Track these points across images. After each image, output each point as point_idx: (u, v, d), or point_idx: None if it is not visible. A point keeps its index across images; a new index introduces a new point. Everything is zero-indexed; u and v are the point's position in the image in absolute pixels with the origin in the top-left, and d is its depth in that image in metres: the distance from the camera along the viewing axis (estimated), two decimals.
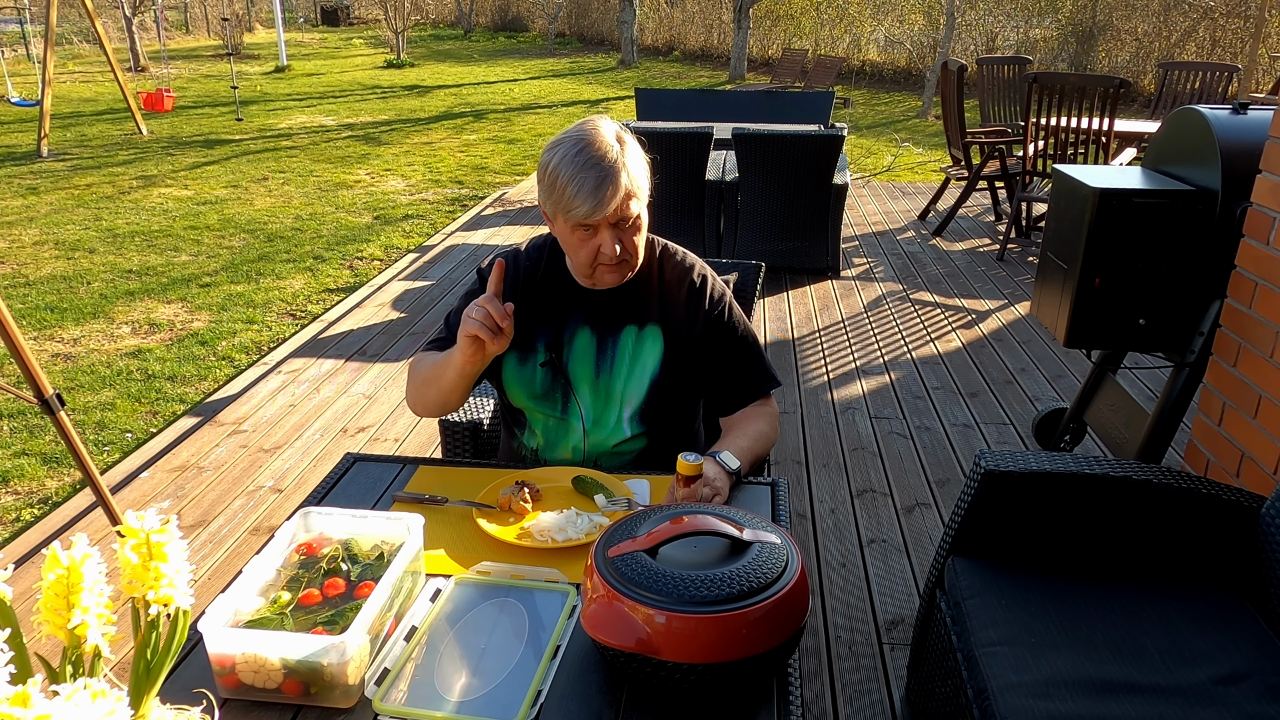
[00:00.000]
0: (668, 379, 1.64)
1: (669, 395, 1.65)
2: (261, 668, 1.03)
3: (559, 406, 1.66)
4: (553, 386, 1.65)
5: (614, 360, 1.64)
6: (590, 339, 1.64)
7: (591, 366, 1.64)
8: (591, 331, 1.64)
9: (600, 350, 1.64)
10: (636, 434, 1.66)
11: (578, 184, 1.46)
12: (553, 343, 1.64)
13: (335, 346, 4.20)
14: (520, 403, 1.68)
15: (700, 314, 1.65)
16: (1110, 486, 1.63)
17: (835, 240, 5.23)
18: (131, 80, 13.57)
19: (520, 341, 1.64)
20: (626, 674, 1.06)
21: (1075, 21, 14.93)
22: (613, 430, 1.66)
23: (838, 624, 2.32)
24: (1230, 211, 2.29)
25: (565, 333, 1.64)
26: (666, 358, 1.63)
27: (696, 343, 1.65)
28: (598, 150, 1.46)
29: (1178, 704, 1.35)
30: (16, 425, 3.41)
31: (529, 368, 1.64)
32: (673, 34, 21.02)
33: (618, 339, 1.64)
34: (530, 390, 1.65)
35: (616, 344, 1.64)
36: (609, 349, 1.64)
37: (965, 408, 3.59)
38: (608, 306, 1.65)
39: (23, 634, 0.83)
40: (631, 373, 1.64)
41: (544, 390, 1.65)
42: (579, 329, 1.64)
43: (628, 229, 1.52)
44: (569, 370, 1.64)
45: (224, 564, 2.55)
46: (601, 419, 1.66)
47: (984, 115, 7.10)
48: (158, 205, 6.97)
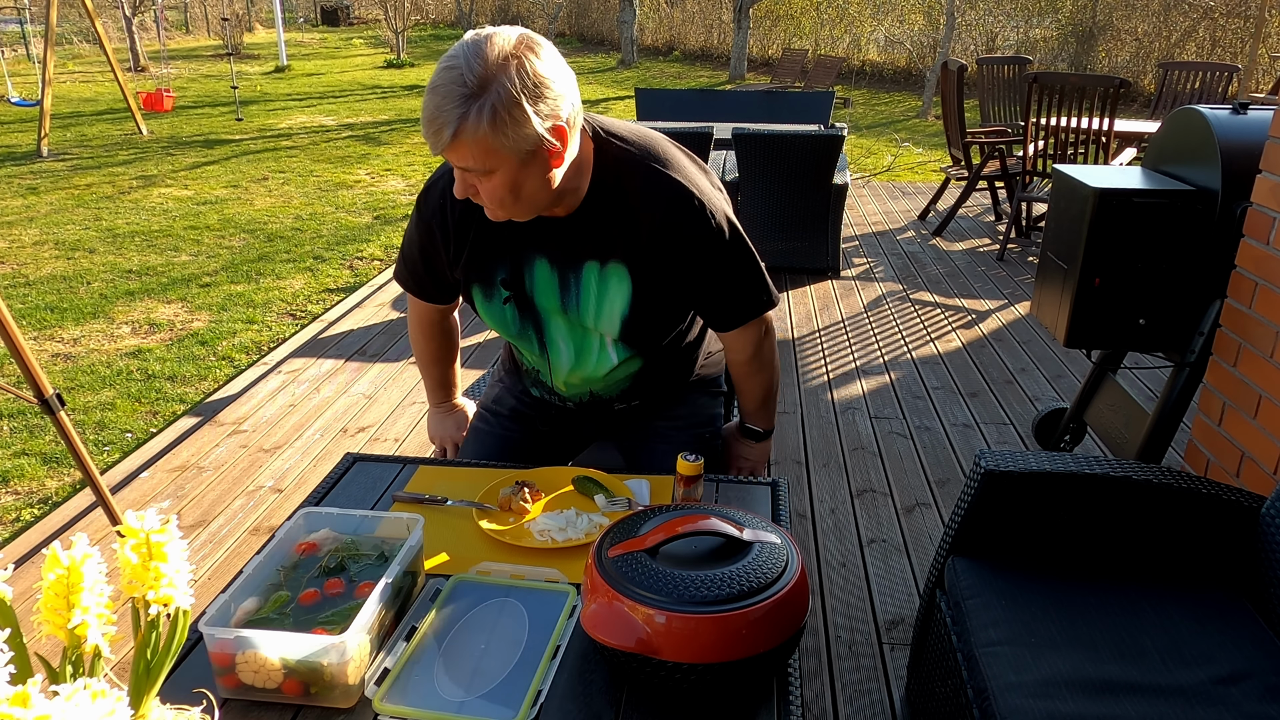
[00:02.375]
0: (641, 313, 1.48)
1: (647, 324, 1.51)
2: (261, 668, 1.03)
3: (536, 343, 1.57)
4: (524, 323, 1.54)
5: (579, 297, 1.48)
6: (550, 272, 1.48)
7: (557, 300, 1.49)
8: (550, 264, 1.47)
9: (563, 285, 1.48)
10: (625, 357, 1.56)
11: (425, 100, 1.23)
12: (511, 278, 1.49)
13: (335, 346, 4.20)
14: (502, 335, 1.60)
15: (674, 253, 1.44)
16: (1110, 486, 1.63)
17: (835, 240, 5.23)
18: (131, 80, 13.57)
19: (480, 276, 1.51)
20: (626, 674, 1.06)
21: (1075, 21, 14.93)
22: (598, 360, 1.56)
23: (838, 624, 2.32)
24: (1230, 211, 2.29)
25: (524, 266, 1.48)
26: (636, 295, 1.46)
27: (671, 278, 1.47)
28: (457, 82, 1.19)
29: (1178, 704, 1.35)
30: (16, 425, 3.41)
31: (495, 304, 1.52)
32: (673, 34, 21.02)
33: (579, 275, 1.46)
34: (504, 328, 1.56)
35: (579, 280, 1.47)
36: (572, 285, 1.48)
37: (965, 408, 3.59)
38: (565, 236, 1.44)
39: (23, 634, 0.83)
40: (600, 310, 1.49)
41: (517, 327, 1.55)
42: (536, 261, 1.47)
43: (480, 177, 1.27)
44: (536, 304, 1.51)
45: (224, 564, 2.55)
46: (583, 350, 1.56)
47: (984, 115, 7.10)
48: (158, 205, 6.97)
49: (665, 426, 1.73)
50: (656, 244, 1.42)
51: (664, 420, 1.73)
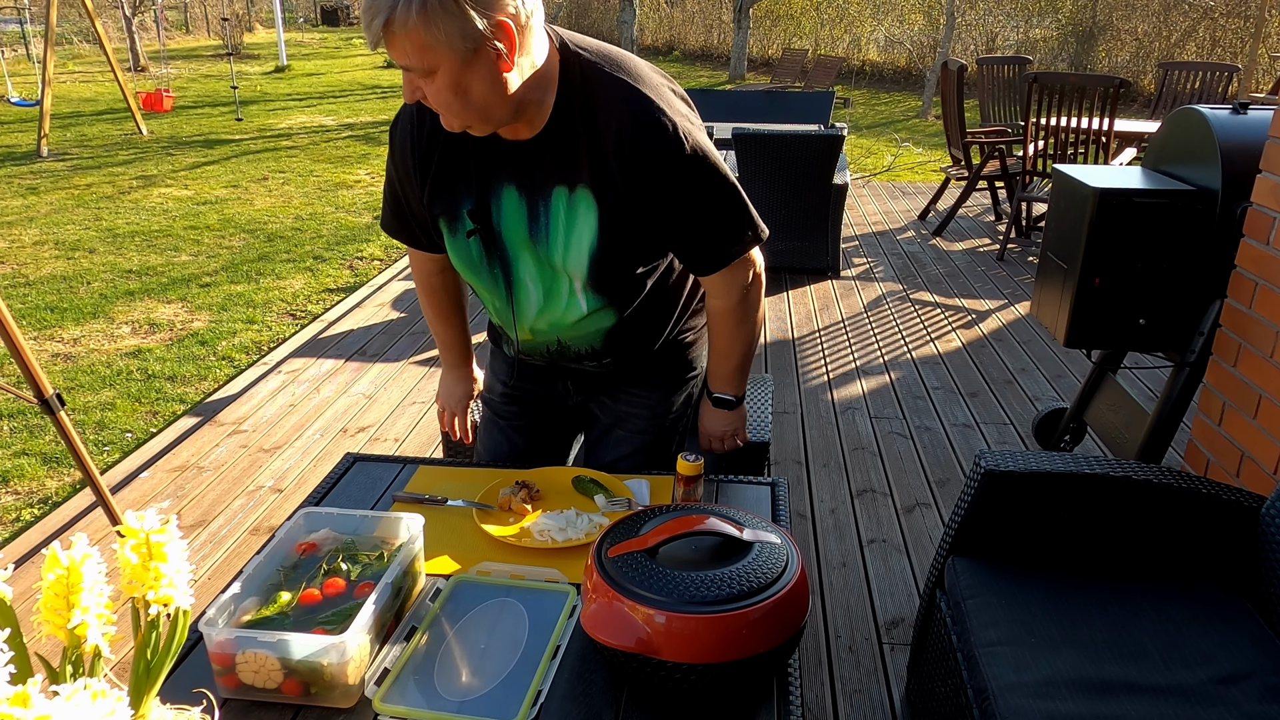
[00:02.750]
0: (609, 250, 1.37)
1: (617, 265, 1.40)
2: (261, 667, 1.03)
3: (502, 283, 1.45)
4: (490, 258, 1.43)
5: (548, 228, 1.37)
6: (519, 201, 1.38)
7: (525, 230, 1.39)
8: (519, 192, 1.37)
9: (532, 215, 1.38)
10: (596, 308, 1.45)
11: None
12: (478, 208, 1.39)
13: (335, 346, 4.20)
14: (466, 277, 1.49)
15: (640, 176, 1.31)
16: (1110, 486, 1.63)
17: (835, 240, 5.23)
18: (131, 80, 13.57)
19: (447, 207, 1.41)
20: (626, 674, 1.06)
21: (1075, 21, 14.93)
22: (567, 305, 1.45)
23: (838, 624, 2.32)
24: (1230, 211, 2.29)
25: (490, 194, 1.38)
26: (603, 228, 1.35)
27: (639, 208, 1.34)
28: None
29: (1178, 704, 1.35)
30: (16, 425, 3.41)
31: (460, 239, 1.42)
32: (673, 34, 21.02)
33: (549, 202, 1.36)
34: (469, 265, 1.45)
35: (548, 208, 1.36)
36: (540, 214, 1.37)
37: (965, 408, 3.59)
38: (534, 160, 1.34)
39: (23, 634, 0.83)
40: (568, 244, 1.37)
41: (483, 264, 1.44)
42: (504, 188, 1.37)
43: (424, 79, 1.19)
44: (503, 238, 1.40)
45: (224, 564, 2.55)
46: (552, 292, 1.44)
47: (984, 115, 7.10)
48: (158, 205, 6.97)
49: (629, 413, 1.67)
50: (623, 165, 1.30)
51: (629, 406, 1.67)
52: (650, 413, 1.68)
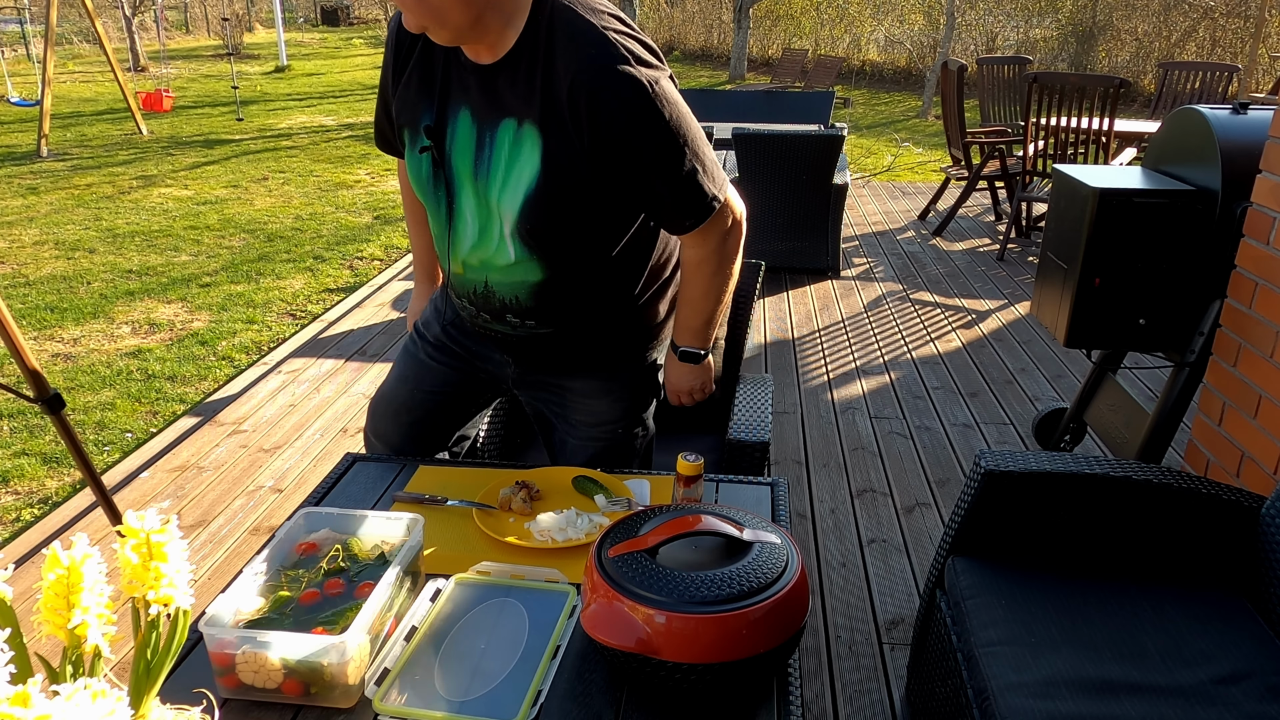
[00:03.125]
0: (547, 196, 1.31)
1: (554, 216, 1.34)
2: (261, 667, 1.03)
3: (444, 206, 1.43)
4: (436, 181, 1.41)
5: (490, 160, 1.33)
6: (471, 128, 1.35)
7: (471, 161, 1.36)
8: (472, 118, 1.35)
9: (479, 145, 1.35)
10: (524, 258, 1.39)
11: None
12: (435, 126, 1.37)
13: (335, 346, 4.20)
14: (418, 193, 1.47)
15: (591, 121, 1.25)
16: (1110, 486, 1.63)
17: (835, 240, 5.23)
18: (131, 80, 13.57)
19: (410, 120, 1.41)
20: (626, 674, 1.06)
21: (1075, 21, 14.94)
22: (497, 248, 1.40)
23: (838, 624, 2.32)
24: (1230, 211, 2.29)
25: (448, 114, 1.37)
26: (545, 169, 1.29)
27: (589, 156, 1.28)
28: None
29: (1178, 704, 1.35)
30: (16, 425, 3.41)
31: (415, 153, 1.41)
32: (673, 34, 21.02)
33: (495, 133, 1.32)
34: (419, 182, 1.44)
35: (494, 140, 1.33)
36: (487, 145, 1.34)
37: (965, 408, 3.59)
38: (491, 86, 1.32)
39: (23, 634, 0.83)
40: (506, 180, 1.33)
41: (430, 184, 1.42)
42: (460, 111, 1.36)
43: None
44: (452, 163, 1.38)
45: (224, 564, 2.55)
46: (486, 230, 1.39)
47: (984, 115, 7.10)
48: (158, 205, 6.97)
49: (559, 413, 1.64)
50: (575, 111, 1.25)
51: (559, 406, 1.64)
52: (597, 420, 1.64)
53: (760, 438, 2.02)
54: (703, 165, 1.34)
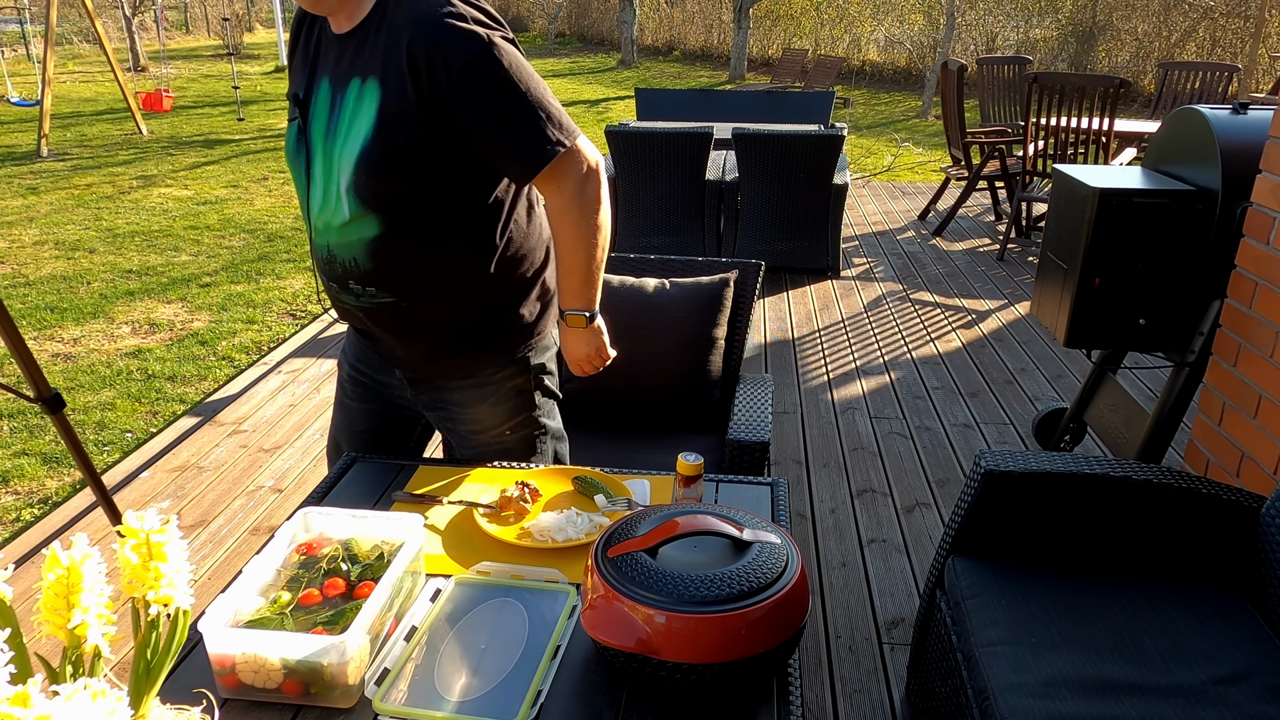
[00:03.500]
0: (379, 147, 1.35)
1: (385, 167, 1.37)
2: (261, 668, 1.03)
3: (302, 174, 1.48)
4: (299, 149, 1.47)
5: (338, 119, 1.40)
6: (328, 94, 1.43)
7: (324, 128, 1.43)
8: (330, 85, 1.42)
9: (332, 109, 1.42)
10: (357, 213, 1.41)
11: None
12: (303, 96, 1.46)
13: (335, 346, 4.19)
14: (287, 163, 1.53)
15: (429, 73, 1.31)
16: (1110, 486, 1.63)
17: (835, 240, 5.23)
18: (131, 80, 13.57)
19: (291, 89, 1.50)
20: (626, 674, 1.06)
21: (1075, 21, 14.94)
22: (335, 206, 1.43)
23: (838, 624, 2.32)
24: (1230, 211, 2.29)
25: (314, 84, 1.45)
26: (380, 121, 1.35)
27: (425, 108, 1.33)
28: None
29: (1178, 704, 1.35)
30: (16, 425, 3.41)
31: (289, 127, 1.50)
32: (673, 34, 21.01)
33: (344, 94, 1.40)
34: (287, 151, 1.50)
35: (343, 99, 1.40)
36: (336, 106, 1.41)
37: (965, 408, 3.59)
38: (345, 53, 1.40)
39: (23, 634, 0.83)
40: (348, 135, 1.39)
41: (294, 151, 1.48)
42: (322, 80, 1.44)
43: None
44: (310, 132, 1.45)
45: (224, 564, 2.55)
46: (327, 190, 1.43)
47: (984, 115, 7.10)
48: (158, 205, 6.97)
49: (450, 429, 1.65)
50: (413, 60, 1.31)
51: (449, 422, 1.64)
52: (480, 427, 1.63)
53: (760, 438, 2.02)
54: (546, 114, 1.38)
